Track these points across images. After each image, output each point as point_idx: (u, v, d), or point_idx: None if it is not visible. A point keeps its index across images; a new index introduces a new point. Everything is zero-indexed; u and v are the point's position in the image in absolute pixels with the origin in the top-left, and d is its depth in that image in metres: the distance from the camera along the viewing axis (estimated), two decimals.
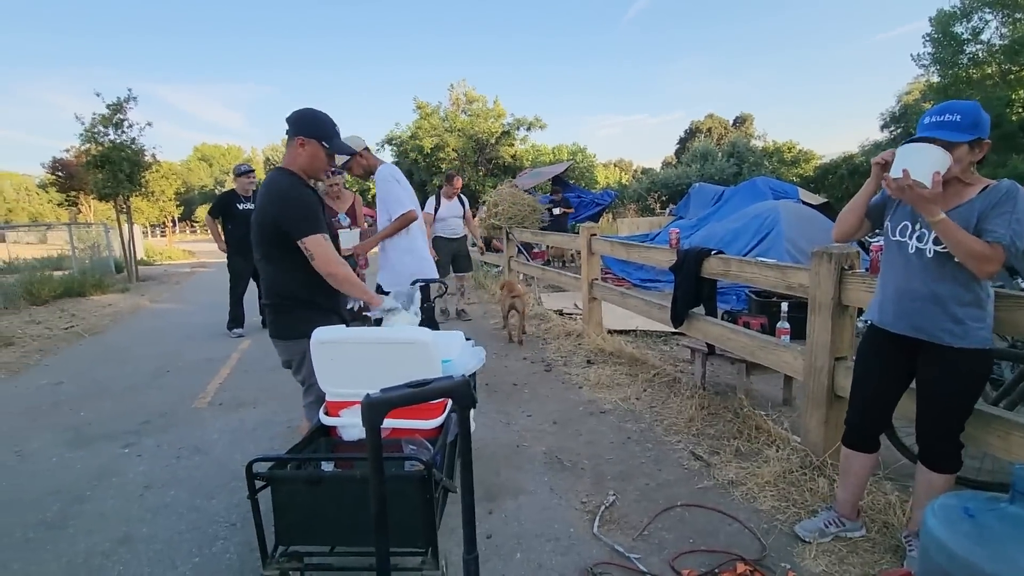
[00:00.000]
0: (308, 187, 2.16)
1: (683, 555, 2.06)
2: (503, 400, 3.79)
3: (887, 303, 1.93)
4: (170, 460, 3.00)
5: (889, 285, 1.93)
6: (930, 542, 1.14)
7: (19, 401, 4.06)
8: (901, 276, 1.87)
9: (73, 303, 8.55)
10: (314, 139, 2.11)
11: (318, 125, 2.13)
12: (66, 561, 2.13)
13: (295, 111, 2.17)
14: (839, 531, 2.10)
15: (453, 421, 2.09)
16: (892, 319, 1.91)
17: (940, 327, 1.78)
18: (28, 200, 50.02)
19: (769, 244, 6.98)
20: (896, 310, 1.89)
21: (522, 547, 2.15)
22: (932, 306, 1.79)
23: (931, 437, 1.88)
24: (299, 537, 1.75)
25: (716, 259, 3.37)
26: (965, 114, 1.67)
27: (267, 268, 2.18)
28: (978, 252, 1.64)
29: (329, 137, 2.14)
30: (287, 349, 2.25)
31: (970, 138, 1.67)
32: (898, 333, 1.89)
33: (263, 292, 2.27)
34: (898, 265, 1.89)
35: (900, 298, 1.87)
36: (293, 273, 2.13)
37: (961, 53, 20.41)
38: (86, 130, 10.70)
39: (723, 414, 3.26)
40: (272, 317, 2.25)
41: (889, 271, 1.94)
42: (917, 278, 1.82)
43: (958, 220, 1.69)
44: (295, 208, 2.05)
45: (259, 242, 2.14)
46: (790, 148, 31.73)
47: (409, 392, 0.86)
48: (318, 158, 2.15)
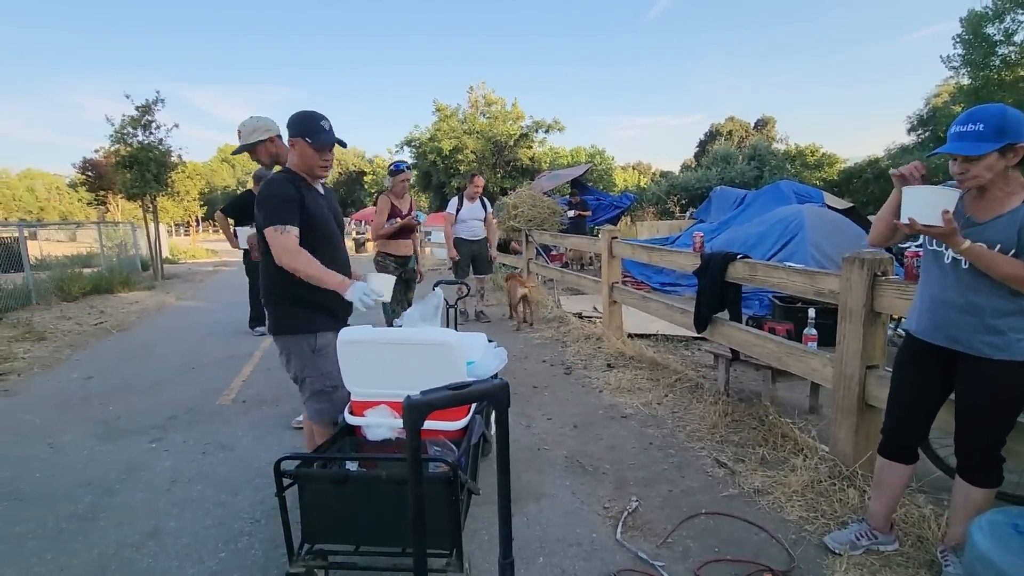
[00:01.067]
0: (292, 182, 2.13)
1: (708, 564, 2.03)
2: (523, 403, 3.78)
3: (924, 313, 1.88)
4: (196, 455, 3.05)
5: (925, 294, 1.88)
6: (976, 559, 1.10)
7: (52, 395, 4.17)
8: (937, 286, 1.83)
9: (102, 300, 8.76)
10: (299, 137, 2.14)
11: (301, 123, 2.15)
12: (97, 553, 2.17)
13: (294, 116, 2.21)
14: (871, 544, 2.05)
15: (477, 423, 2.09)
16: (928, 329, 1.86)
17: (978, 339, 1.73)
18: (59, 199, 51.48)
19: (793, 249, 6.86)
20: (932, 320, 1.84)
21: (544, 551, 2.13)
22: (969, 317, 1.74)
23: (970, 451, 1.83)
24: (325, 535, 1.76)
25: (742, 263, 3.32)
26: (988, 121, 1.61)
27: (262, 268, 2.23)
28: (1015, 275, 1.60)
29: (313, 132, 2.13)
30: (277, 344, 2.26)
31: (996, 147, 1.60)
32: (934, 344, 1.84)
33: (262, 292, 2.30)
34: (934, 274, 1.84)
35: (936, 308, 1.83)
36: (275, 269, 2.11)
37: (993, 55, 19.88)
38: (116, 131, 10.99)
39: (748, 421, 3.21)
40: (267, 313, 2.28)
41: (926, 280, 1.89)
42: (953, 288, 1.77)
43: (998, 231, 1.66)
44: (264, 201, 2.08)
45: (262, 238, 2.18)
46: (813, 151, 31.23)
47: (450, 394, 0.86)
48: (307, 155, 2.16)
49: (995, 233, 1.67)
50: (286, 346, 2.22)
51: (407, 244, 4.82)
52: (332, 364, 2.18)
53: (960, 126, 1.66)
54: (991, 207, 1.70)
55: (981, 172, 1.64)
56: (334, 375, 2.20)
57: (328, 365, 2.20)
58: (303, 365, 2.21)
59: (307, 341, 2.20)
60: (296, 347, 2.20)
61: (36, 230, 15.42)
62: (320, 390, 2.23)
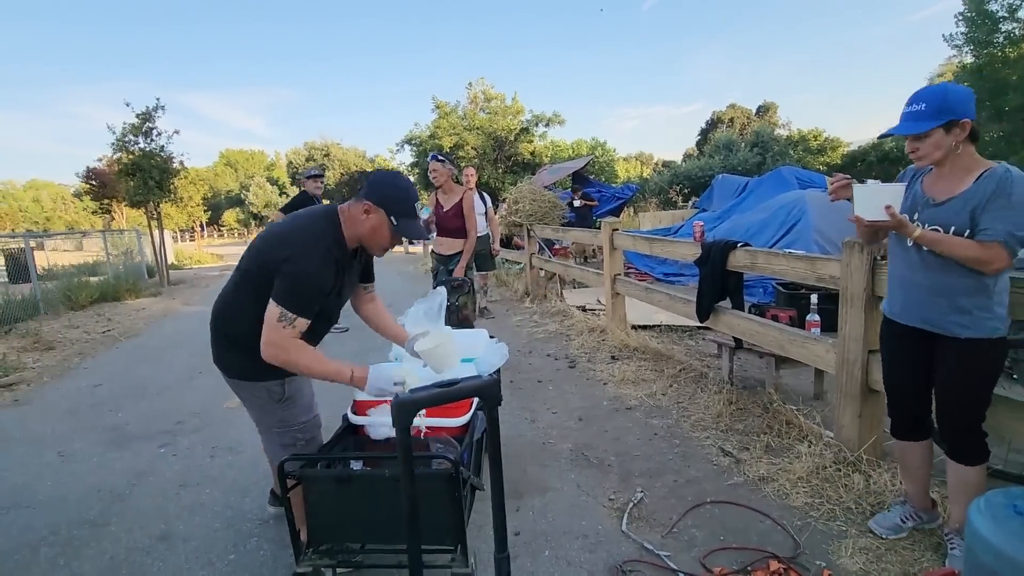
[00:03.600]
0: (336, 261, 1.76)
1: (714, 552, 2.03)
2: (527, 397, 3.79)
3: (895, 295, 1.93)
4: (204, 459, 3.08)
5: (895, 276, 1.93)
6: (976, 540, 1.09)
7: (61, 403, 4.21)
8: (904, 268, 1.87)
9: (109, 307, 8.85)
10: (382, 209, 1.75)
11: (395, 197, 1.77)
12: (109, 558, 2.20)
13: (378, 173, 1.87)
14: (917, 524, 2.05)
15: (480, 419, 2.09)
16: (902, 311, 1.90)
17: (947, 319, 1.77)
18: (64, 209, 51.81)
19: (796, 235, 6.82)
20: (905, 302, 1.89)
21: (550, 544, 2.14)
22: (937, 297, 1.78)
23: (954, 430, 1.85)
24: (330, 535, 1.78)
25: (743, 251, 3.30)
26: (930, 101, 1.68)
27: (229, 291, 1.87)
28: (973, 256, 1.65)
29: (403, 214, 1.77)
30: (234, 388, 1.91)
31: (937, 124, 1.67)
32: (910, 325, 1.88)
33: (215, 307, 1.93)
34: (900, 257, 1.89)
35: (906, 290, 1.88)
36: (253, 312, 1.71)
37: (996, 32, 19.59)
38: (117, 139, 11.07)
39: (752, 409, 3.20)
40: (213, 344, 1.92)
41: (893, 263, 1.94)
42: (920, 270, 1.81)
43: (953, 214, 1.70)
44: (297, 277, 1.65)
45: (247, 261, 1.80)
46: (816, 136, 30.95)
47: (438, 392, 0.86)
48: (380, 234, 1.78)
49: (950, 215, 1.71)
50: (248, 392, 1.88)
51: (451, 243, 4.60)
52: (304, 410, 1.90)
53: (906, 107, 1.74)
54: (950, 187, 1.74)
55: (929, 150, 1.71)
56: (308, 425, 1.92)
57: (299, 414, 1.90)
58: (262, 414, 1.88)
59: (268, 389, 1.85)
60: (254, 394, 1.86)
61: (43, 240, 15.55)
62: (290, 444, 1.91)
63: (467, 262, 4.55)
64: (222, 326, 1.87)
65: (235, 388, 1.91)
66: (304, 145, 46.51)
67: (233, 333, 1.83)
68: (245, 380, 1.86)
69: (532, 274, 7.78)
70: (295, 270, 1.65)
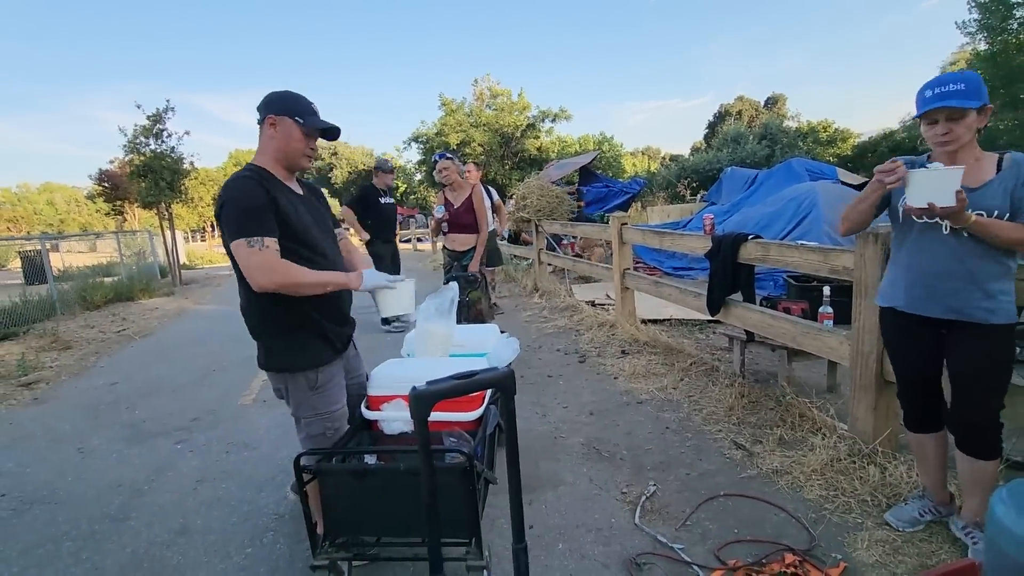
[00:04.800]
0: (259, 183, 1.71)
1: (728, 545, 2.03)
2: (538, 392, 3.79)
3: (915, 287, 1.86)
4: (220, 455, 3.12)
5: (912, 268, 1.86)
6: (998, 532, 1.08)
7: (80, 401, 4.28)
8: (933, 258, 1.81)
9: (123, 307, 8.96)
10: (284, 115, 1.74)
11: (287, 100, 1.77)
12: (130, 551, 2.24)
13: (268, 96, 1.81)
14: (935, 517, 2.03)
15: (492, 413, 2.10)
16: (922, 302, 1.85)
17: (976, 305, 1.76)
18: (78, 211, 52.55)
19: (807, 227, 6.77)
20: (928, 293, 1.83)
21: (564, 537, 2.15)
22: (969, 285, 1.76)
23: (977, 421, 1.81)
24: (346, 528, 1.80)
25: (754, 244, 3.28)
26: (968, 81, 1.67)
27: (240, 294, 1.85)
28: (1018, 239, 1.66)
29: (303, 112, 1.77)
30: (272, 380, 1.93)
31: (979, 104, 1.67)
32: (927, 316, 1.84)
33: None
34: (929, 247, 1.82)
35: (933, 281, 1.81)
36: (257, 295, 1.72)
37: (1011, 18, 19.23)
38: (129, 141, 11.18)
39: (764, 402, 3.19)
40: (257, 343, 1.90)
41: (916, 254, 1.85)
42: (953, 259, 1.77)
43: (992, 198, 1.70)
44: (228, 210, 1.65)
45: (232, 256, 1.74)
46: (825, 128, 30.63)
47: (456, 383, 0.87)
48: (293, 138, 1.77)
49: (990, 200, 1.71)
50: (282, 381, 1.89)
51: (461, 239, 4.63)
52: (333, 402, 1.92)
53: (941, 87, 1.70)
54: (973, 173, 1.73)
55: (962, 132, 1.70)
56: (335, 415, 1.93)
57: (328, 404, 1.91)
58: (299, 404, 1.89)
59: (306, 377, 1.85)
60: (293, 383, 1.86)
61: (58, 242, 15.77)
62: (319, 434, 1.91)
63: (480, 257, 4.56)
64: (253, 326, 1.88)
65: (278, 383, 1.91)
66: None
67: (260, 327, 1.85)
68: (286, 372, 1.86)
69: (540, 269, 7.80)
70: (226, 202, 1.66)
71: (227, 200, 1.66)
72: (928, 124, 1.75)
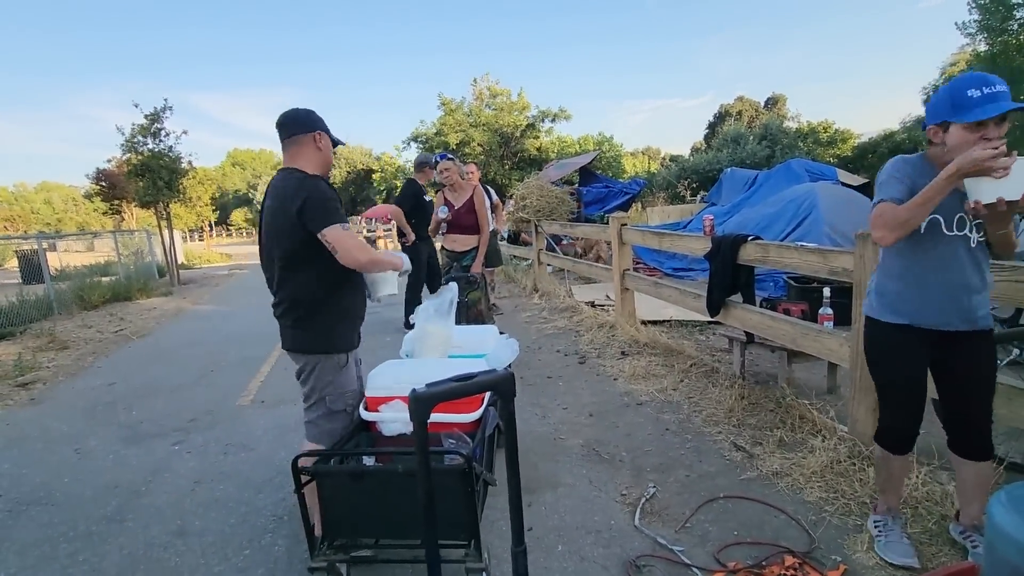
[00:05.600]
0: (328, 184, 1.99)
1: (728, 547, 2.03)
2: (538, 393, 3.79)
3: (933, 302, 1.76)
4: (218, 456, 3.10)
5: (941, 283, 1.75)
6: (997, 536, 1.07)
7: (77, 402, 4.27)
8: (959, 271, 1.72)
9: (121, 307, 8.94)
10: (322, 132, 2.03)
11: (316, 117, 2.05)
12: (127, 553, 2.23)
13: (288, 114, 2.04)
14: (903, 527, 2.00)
15: (491, 415, 2.09)
16: (951, 317, 1.76)
17: (985, 313, 1.76)
18: (76, 210, 52.47)
19: (807, 228, 6.77)
20: (949, 308, 1.74)
21: (563, 539, 2.14)
22: (984, 293, 1.76)
23: (986, 425, 1.81)
24: (344, 530, 1.79)
25: (753, 245, 3.28)
26: (1003, 84, 1.57)
27: (289, 275, 1.96)
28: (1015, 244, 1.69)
29: (327, 128, 2.07)
30: (300, 360, 2.04)
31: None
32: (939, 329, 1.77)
33: (276, 301, 2.02)
34: (953, 260, 1.72)
35: (960, 294, 1.73)
36: (324, 278, 1.94)
37: (1011, 19, 19.26)
38: (126, 140, 11.15)
39: (764, 404, 3.18)
40: (287, 329, 2.02)
41: (940, 269, 1.74)
42: (975, 270, 1.73)
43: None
44: (317, 200, 1.86)
45: (286, 248, 1.92)
46: (826, 128, 30.62)
47: (455, 386, 0.86)
48: (330, 150, 2.07)
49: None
50: (312, 363, 2.00)
51: (462, 240, 4.59)
52: (353, 381, 2.07)
53: (990, 87, 1.54)
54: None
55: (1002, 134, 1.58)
56: (356, 393, 2.08)
57: (351, 383, 2.06)
58: (327, 383, 2.01)
59: (338, 358, 2.02)
60: (326, 362, 2.00)
61: (55, 242, 15.74)
62: (340, 410, 2.04)
63: (482, 258, 4.55)
64: (305, 305, 1.97)
65: (308, 362, 2.01)
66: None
67: (315, 309, 1.97)
68: (322, 353, 1.99)
69: (540, 270, 7.79)
70: (308, 198, 1.86)
71: (309, 196, 1.86)
72: (969, 129, 1.58)
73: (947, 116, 1.63)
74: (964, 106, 1.58)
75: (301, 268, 1.94)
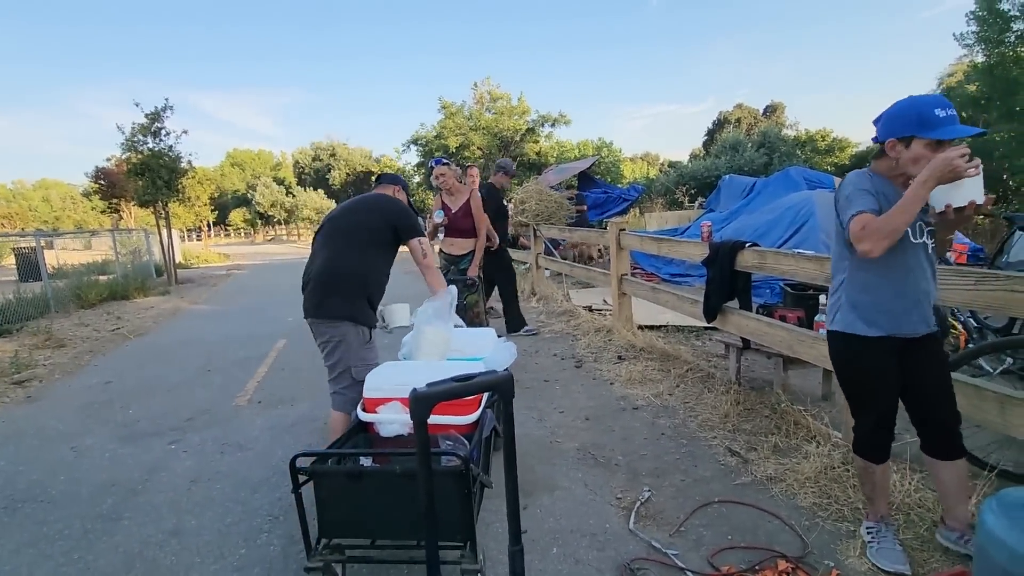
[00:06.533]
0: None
1: (722, 551, 2.04)
2: (534, 396, 3.80)
3: (905, 310, 1.80)
4: (214, 456, 3.11)
5: (911, 290, 1.79)
6: (988, 540, 1.10)
7: (73, 400, 4.26)
8: (921, 276, 1.79)
9: (118, 306, 8.93)
10: (405, 192, 2.82)
11: (406, 185, 2.92)
12: (122, 551, 2.23)
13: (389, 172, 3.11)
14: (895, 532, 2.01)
15: (488, 417, 2.11)
16: (910, 324, 1.81)
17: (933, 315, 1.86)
18: (74, 208, 52.34)
19: (804, 236, 6.80)
20: (915, 313, 1.81)
21: (558, 542, 2.15)
22: (933, 296, 1.84)
23: (956, 423, 1.87)
24: (341, 530, 1.79)
25: (751, 252, 3.30)
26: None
27: (349, 253, 2.46)
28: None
29: (410, 196, 2.88)
30: (329, 330, 2.43)
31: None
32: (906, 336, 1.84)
33: (324, 270, 2.44)
34: (916, 267, 1.78)
35: (923, 298, 1.81)
36: (378, 267, 2.53)
37: (1008, 31, 19.40)
38: (126, 139, 11.17)
39: (759, 410, 3.20)
40: (323, 297, 2.42)
41: (907, 274, 1.79)
42: (932, 276, 1.83)
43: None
44: (413, 217, 2.64)
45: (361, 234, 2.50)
46: (824, 136, 30.81)
47: (455, 386, 0.88)
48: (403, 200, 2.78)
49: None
50: (343, 332, 2.41)
51: (460, 243, 4.62)
52: (376, 354, 2.53)
53: (950, 110, 1.65)
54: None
55: None
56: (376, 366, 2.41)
57: (374, 356, 2.51)
58: (352, 354, 2.42)
59: (363, 332, 2.46)
60: (354, 335, 2.43)
61: (53, 240, 15.71)
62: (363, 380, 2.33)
63: (479, 261, 4.57)
64: (345, 280, 2.44)
65: (339, 332, 2.42)
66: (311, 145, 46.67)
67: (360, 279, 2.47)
68: (352, 323, 2.42)
69: (538, 274, 7.81)
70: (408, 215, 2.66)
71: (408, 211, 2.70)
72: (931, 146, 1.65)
73: (915, 131, 1.68)
74: (933, 124, 1.65)
75: (364, 252, 2.48)
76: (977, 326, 3.73)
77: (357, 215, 2.58)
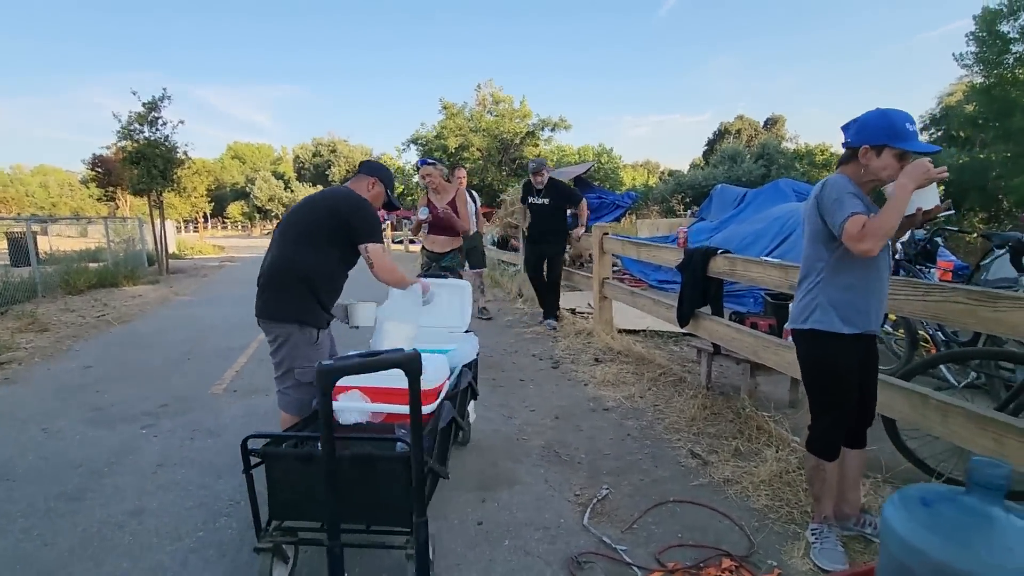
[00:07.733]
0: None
1: (670, 548, 2.07)
2: (507, 395, 3.83)
3: (874, 308, 1.92)
4: (184, 441, 3.13)
5: (876, 290, 1.91)
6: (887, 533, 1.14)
7: (50, 383, 4.28)
8: (885, 277, 1.95)
9: (106, 293, 8.92)
10: (383, 184, 2.53)
11: (388, 175, 2.57)
12: (81, 530, 2.25)
13: (372, 160, 2.66)
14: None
15: (446, 408, 2.14)
16: (877, 322, 1.97)
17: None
18: (71, 195, 52.21)
19: (790, 246, 6.84)
20: (881, 313, 1.97)
21: (511, 535, 2.19)
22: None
23: (872, 417, 2.04)
24: (292, 512, 1.82)
25: (722, 258, 3.35)
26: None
27: (301, 251, 2.29)
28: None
29: (392, 187, 2.60)
30: (275, 329, 2.31)
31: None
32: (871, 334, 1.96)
33: (272, 268, 2.30)
34: (884, 267, 1.93)
35: (885, 300, 1.98)
36: (330, 266, 2.34)
37: (1007, 52, 19.58)
38: (123, 127, 11.17)
39: (725, 414, 3.24)
40: (272, 295, 2.29)
41: (877, 276, 1.89)
42: (887, 273, 1.97)
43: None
44: (370, 218, 2.35)
45: (312, 230, 2.30)
46: (823, 150, 30.92)
47: (360, 361, 0.91)
48: (379, 199, 2.54)
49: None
50: (288, 332, 2.28)
51: (442, 241, 4.71)
52: (324, 357, 2.30)
53: (916, 125, 1.80)
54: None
55: None
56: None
57: (322, 357, 2.30)
58: (298, 353, 2.29)
59: (310, 333, 2.30)
60: (299, 335, 2.29)
61: (47, 225, 15.69)
62: (310, 382, 2.27)
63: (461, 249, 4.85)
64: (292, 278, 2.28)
65: (283, 332, 2.29)
66: (312, 141, 46.79)
67: (306, 277, 2.28)
68: (296, 324, 2.28)
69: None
70: (367, 214, 2.36)
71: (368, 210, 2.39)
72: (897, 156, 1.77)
73: (887, 141, 1.77)
74: (904, 136, 1.77)
75: (314, 249, 2.29)
76: (944, 339, 3.78)
77: (315, 212, 2.36)
